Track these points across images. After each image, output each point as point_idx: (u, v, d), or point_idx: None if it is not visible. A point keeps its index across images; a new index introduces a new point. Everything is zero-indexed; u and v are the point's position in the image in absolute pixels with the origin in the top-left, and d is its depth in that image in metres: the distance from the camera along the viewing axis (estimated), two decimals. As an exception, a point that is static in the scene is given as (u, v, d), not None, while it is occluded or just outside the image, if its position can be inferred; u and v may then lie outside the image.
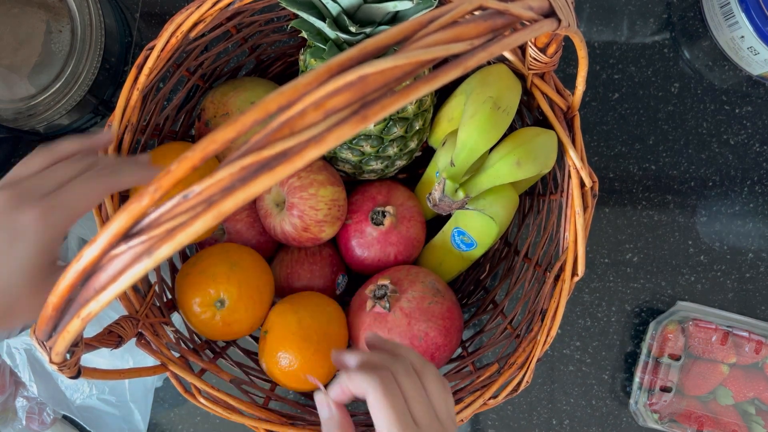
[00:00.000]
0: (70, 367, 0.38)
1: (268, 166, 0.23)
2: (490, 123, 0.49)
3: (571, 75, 0.73)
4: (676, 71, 0.74)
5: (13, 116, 0.64)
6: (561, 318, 0.52)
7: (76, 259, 0.27)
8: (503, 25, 0.27)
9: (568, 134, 0.52)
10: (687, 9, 0.74)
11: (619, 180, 0.75)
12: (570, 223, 0.52)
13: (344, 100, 0.23)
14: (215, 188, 0.24)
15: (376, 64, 0.23)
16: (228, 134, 0.24)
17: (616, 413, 0.76)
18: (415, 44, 0.25)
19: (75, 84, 0.64)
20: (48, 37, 0.64)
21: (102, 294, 0.27)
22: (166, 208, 0.25)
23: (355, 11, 0.48)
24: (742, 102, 0.74)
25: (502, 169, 0.51)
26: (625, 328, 0.76)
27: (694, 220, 0.75)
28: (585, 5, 0.74)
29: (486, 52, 0.25)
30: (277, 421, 0.53)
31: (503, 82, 0.52)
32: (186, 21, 0.52)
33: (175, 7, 0.74)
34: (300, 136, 0.23)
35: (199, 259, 0.58)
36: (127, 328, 0.49)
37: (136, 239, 0.25)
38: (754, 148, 0.74)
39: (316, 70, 0.24)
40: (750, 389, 0.72)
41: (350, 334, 0.60)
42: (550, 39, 0.45)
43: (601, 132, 0.75)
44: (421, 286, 0.57)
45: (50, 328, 0.32)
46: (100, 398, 0.67)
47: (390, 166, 0.62)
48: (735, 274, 0.75)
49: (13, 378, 0.68)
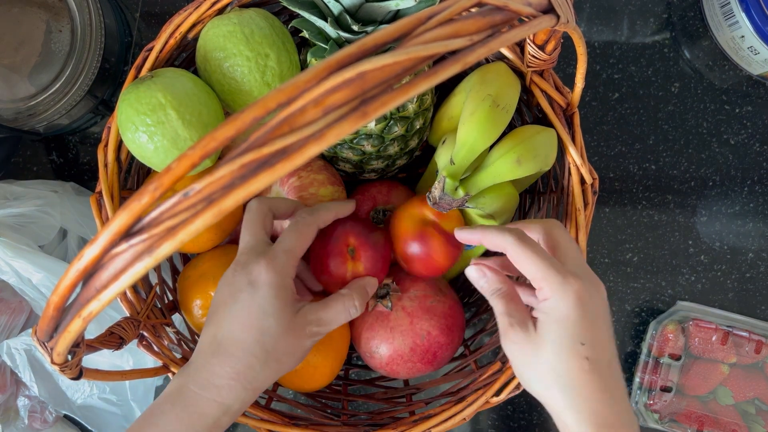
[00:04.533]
0: (72, 368, 0.38)
1: (268, 164, 0.23)
2: (490, 121, 0.49)
3: (571, 74, 0.73)
4: (676, 71, 0.74)
5: (13, 116, 0.64)
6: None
7: (77, 258, 0.27)
8: (502, 21, 0.27)
9: (567, 131, 0.52)
10: (687, 9, 0.74)
11: (619, 180, 0.75)
12: (571, 220, 0.52)
13: (344, 97, 0.23)
14: (215, 186, 0.24)
15: (376, 61, 0.23)
16: (228, 132, 0.24)
17: (617, 413, 0.76)
18: (414, 41, 0.25)
19: (75, 84, 0.64)
20: (48, 37, 0.64)
21: (103, 293, 0.27)
22: (167, 207, 0.25)
23: (356, 10, 0.48)
24: (742, 102, 0.74)
25: (502, 167, 0.51)
26: (625, 328, 0.76)
27: (694, 220, 0.75)
28: (585, 5, 0.74)
29: (485, 48, 0.25)
30: (280, 422, 0.53)
31: (502, 79, 0.52)
32: (185, 22, 0.52)
33: (175, 7, 0.74)
34: (300, 133, 0.23)
35: (200, 261, 0.58)
36: (128, 329, 0.49)
37: (137, 238, 0.25)
38: (754, 148, 0.74)
39: (316, 67, 0.24)
40: (750, 389, 0.71)
41: (352, 334, 0.60)
42: (548, 36, 0.45)
43: (601, 132, 0.75)
44: (422, 285, 0.57)
45: (51, 328, 0.32)
46: (101, 397, 0.67)
47: (391, 166, 0.62)
48: (735, 274, 0.75)
49: (14, 377, 0.68)
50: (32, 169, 0.75)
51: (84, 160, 0.75)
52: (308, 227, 0.48)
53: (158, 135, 0.48)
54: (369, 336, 0.57)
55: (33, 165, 0.75)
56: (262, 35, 0.51)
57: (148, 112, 0.48)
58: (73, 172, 0.75)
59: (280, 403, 0.65)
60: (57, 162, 0.75)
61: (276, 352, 0.43)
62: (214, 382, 0.42)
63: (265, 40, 0.51)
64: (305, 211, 0.49)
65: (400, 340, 0.55)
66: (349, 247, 0.52)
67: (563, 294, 0.40)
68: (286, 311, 0.44)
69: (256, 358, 0.43)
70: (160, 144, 0.49)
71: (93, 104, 0.69)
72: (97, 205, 0.51)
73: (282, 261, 0.45)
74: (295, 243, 0.46)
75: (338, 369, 0.59)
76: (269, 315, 0.43)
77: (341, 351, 0.59)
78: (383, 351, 0.56)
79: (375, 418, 0.60)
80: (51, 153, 0.75)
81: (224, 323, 0.43)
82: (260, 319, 0.43)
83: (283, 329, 0.44)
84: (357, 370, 0.73)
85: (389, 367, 0.57)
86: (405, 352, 0.55)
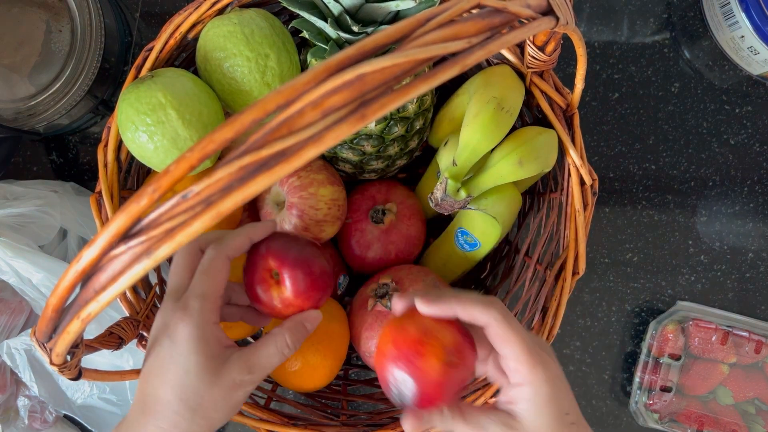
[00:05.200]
0: (71, 368, 0.38)
1: (267, 166, 0.23)
2: (494, 123, 0.49)
3: (571, 75, 0.73)
4: (676, 71, 0.74)
5: (13, 116, 0.64)
6: (562, 317, 0.52)
7: (76, 259, 0.27)
8: (501, 23, 0.26)
9: (567, 132, 0.52)
10: (687, 9, 0.74)
11: (619, 180, 0.75)
12: (570, 221, 0.52)
13: (343, 99, 0.23)
14: (214, 188, 0.24)
15: (375, 63, 0.23)
16: (226, 134, 0.24)
17: (616, 413, 0.76)
18: (413, 43, 0.25)
19: (75, 84, 0.64)
20: (48, 37, 0.64)
21: (102, 294, 0.27)
22: (165, 209, 0.25)
23: (356, 11, 0.48)
24: (742, 102, 0.74)
25: (504, 169, 0.51)
26: (625, 328, 0.76)
27: (694, 220, 0.75)
28: (585, 5, 0.74)
29: (484, 50, 0.25)
30: (279, 422, 0.53)
31: (506, 82, 0.52)
32: (185, 22, 0.52)
33: (175, 7, 0.74)
34: (298, 136, 0.23)
35: (200, 259, 0.58)
36: (128, 329, 0.49)
37: (136, 240, 0.25)
38: (754, 148, 0.74)
39: (315, 69, 0.24)
40: (750, 389, 0.71)
41: (351, 334, 0.60)
42: (548, 37, 0.45)
43: (601, 132, 0.75)
44: (422, 285, 0.57)
45: (50, 329, 0.32)
46: (101, 397, 0.67)
47: (390, 166, 0.62)
48: (735, 274, 0.75)
49: (14, 377, 0.68)
50: (32, 169, 0.75)
51: (84, 160, 0.75)
52: (217, 262, 0.43)
53: (158, 135, 0.48)
54: (368, 335, 0.57)
55: (33, 165, 0.75)
56: (262, 35, 0.51)
57: (149, 112, 0.48)
58: (73, 172, 0.75)
59: (280, 403, 0.65)
60: (57, 162, 0.75)
61: (202, 408, 0.41)
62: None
63: (266, 40, 0.51)
64: (212, 247, 0.44)
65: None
66: (272, 270, 0.45)
67: (544, 375, 0.39)
68: (208, 365, 0.41)
69: (181, 417, 0.40)
70: (160, 144, 0.49)
71: (93, 104, 0.69)
72: (97, 205, 0.51)
73: (197, 309, 0.41)
74: (207, 286, 0.42)
75: (338, 369, 0.59)
76: (190, 372, 0.40)
77: (340, 351, 0.59)
78: (383, 351, 0.56)
79: (374, 418, 0.60)
80: (51, 153, 0.75)
81: (149, 378, 0.41)
82: (181, 377, 0.40)
83: (207, 385, 0.41)
84: (356, 370, 0.73)
85: (389, 367, 0.57)
86: (404, 353, 0.55)
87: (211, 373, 0.41)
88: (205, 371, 0.40)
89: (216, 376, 0.41)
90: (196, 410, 0.40)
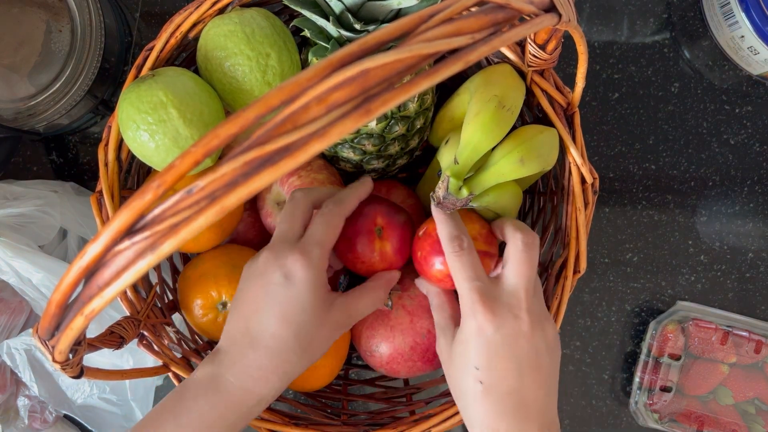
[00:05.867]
0: (73, 366, 0.38)
1: (271, 161, 0.23)
2: (495, 121, 0.49)
3: (571, 74, 0.73)
4: (676, 71, 0.74)
5: (13, 116, 0.64)
6: (563, 316, 0.52)
7: (80, 255, 0.27)
8: (504, 19, 0.27)
9: (568, 131, 0.52)
10: (687, 9, 0.74)
11: (619, 180, 0.75)
12: (571, 219, 0.52)
13: (346, 95, 0.23)
14: (218, 183, 0.24)
15: (378, 59, 0.24)
16: (230, 129, 0.24)
17: (616, 413, 0.76)
18: (416, 39, 0.25)
19: (75, 84, 0.64)
20: (48, 37, 0.64)
21: (106, 290, 0.27)
22: (170, 204, 0.25)
23: (358, 9, 0.48)
24: (742, 102, 0.74)
25: (506, 167, 0.51)
26: (625, 327, 0.76)
27: (694, 220, 0.75)
28: (585, 5, 0.74)
29: (487, 46, 0.25)
30: (280, 421, 0.53)
31: (508, 81, 0.52)
32: (185, 22, 0.52)
33: (175, 7, 0.74)
34: (303, 131, 0.23)
35: (201, 261, 0.58)
36: (128, 328, 0.49)
37: (140, 235, 0.25)
38: (754, 148, 0.75)
39: (318, 65, 0.24)
40: (750, 389, 0.72)
41: (352, 333, 0.60)
42: (549, 35, 0.45)
43: (601, 132, 0.75)
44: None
45: (53, 326, 0.32)
46: (101, 397, 0.67)
47: (391, 165, 0.62)
48: (735, 274, 0.75)
49: (14, 377, 0.68)
50: (32, 169, 0.75)
51: (84, 160, 0.75)
52: (337, 218, 0.48)
53: (159, 133, 0.48)
54: (369, 335, 0.57)
55: (33, 165, 0.75)
56: (263, 35, 0.51)
57: (150, 111, 0.48)
58: (73, 172, 0.75)
59: (280, 403, 0.65)
60: (57, 162, 0.75)
61: (311, 346, 0.45)
62: (252, 374, 0.43)
63: (266, 39, 0.51)
64: (332, 202, 0.49)
65: (400, 338, 0.55)
66: (376, 227, 0.52)
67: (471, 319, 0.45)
68: (322, 307, 0.45)
69: (294, 353, 0.44)
70: (162, 142, 0.49)
71: (93, 104, 0.69)
72: (98, 204, 0.51)
73: (316, 255, 0.45)
74: (326, 236, 0.46)
75: (338, 369, 0.59)
76: (306, 311, 0.44)
77: (341, 351, 0.59)
78: (383, 350, 0.56)
79: (375, 418, 0.60)
80: (51, 153, 0.75)
81: (259, 316, 0.44)
82: (298, 315, 0.44)
83: (318, 324, 0.44)
84: (357, 369, 0.73)
85: (389, 366, 0.57)
86: (405, 351, 0.55)
87: (322, 313, 0.45)
88: (319, 311, 0.44)
89: (324, 318, 0.45)
90: (306, 348, 0.44)
